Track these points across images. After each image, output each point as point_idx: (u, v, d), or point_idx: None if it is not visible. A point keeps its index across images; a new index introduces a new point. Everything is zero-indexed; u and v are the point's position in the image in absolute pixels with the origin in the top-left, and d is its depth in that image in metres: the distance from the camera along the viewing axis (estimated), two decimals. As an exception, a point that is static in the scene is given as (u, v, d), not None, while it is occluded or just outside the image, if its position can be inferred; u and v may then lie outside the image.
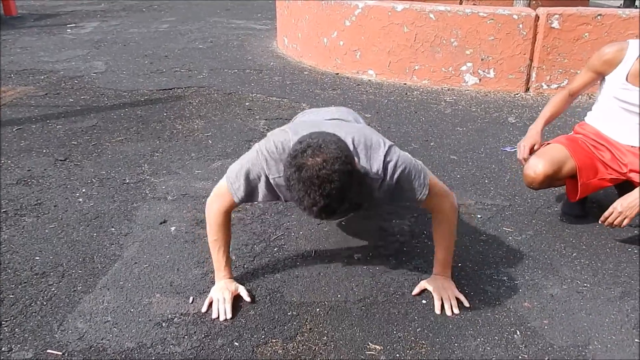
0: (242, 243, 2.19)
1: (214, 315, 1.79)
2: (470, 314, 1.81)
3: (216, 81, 4.46)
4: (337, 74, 4.81)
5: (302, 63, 5.19)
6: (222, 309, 1.81)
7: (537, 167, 2.17)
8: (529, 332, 1.73)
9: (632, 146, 2.21)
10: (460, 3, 6.49)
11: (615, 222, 2.03)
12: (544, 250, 2.16)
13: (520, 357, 1.63)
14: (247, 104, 3.92)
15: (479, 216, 2.41)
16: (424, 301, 1.87)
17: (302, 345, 1.68)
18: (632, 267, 2.06)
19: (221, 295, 1.84)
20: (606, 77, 2.20)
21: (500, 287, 1.94)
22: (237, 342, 1.68)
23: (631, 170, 2.19)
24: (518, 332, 1.73)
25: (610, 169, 2.23)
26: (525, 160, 2.29)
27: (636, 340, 1.70)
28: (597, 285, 1.95)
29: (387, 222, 2.36)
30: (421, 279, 1.96)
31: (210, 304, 1.84)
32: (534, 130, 2.33)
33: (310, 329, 1.75)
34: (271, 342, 1.69)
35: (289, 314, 1.81)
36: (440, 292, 1.85)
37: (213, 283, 1.91)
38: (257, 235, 2.26)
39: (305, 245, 2.20)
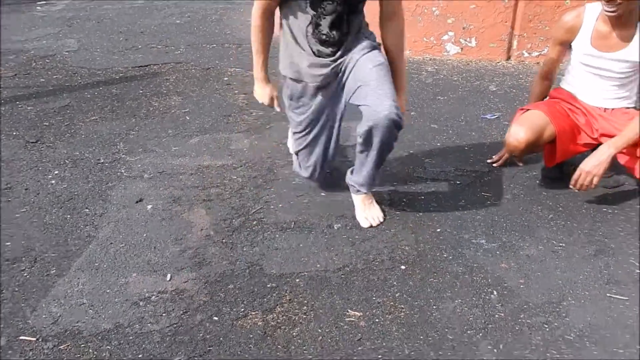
0: (220, 218, 2.18)
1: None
2: (449, 277, 1.82)
3: (194, 56, 4.38)
4: (317, 46, 4.74)
5: (280, 36, 5.11)
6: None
7: (519, 134, 2.17)
8: (505, 292, 1.74)
9: (603, 109, 2.21)
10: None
11: (585, 183, 2.04)
12: (522, 213, 2.18)
13: (496, 315, 1.65)
14: (225, 78, 3.86)
15: (458, 182, 2.41)
16: (402, 267, 1.88)
17: (282, 316, 1.68)
18: (607, 226, 2.08)
19: (267, 99, 2.21)
20: (572, 44, 2.21)
21: (478, 250, 1.95)
22: (216, 316, 1.68)
23: (602, 135, 2.20)
24: (495, 292, 1.74)
25: (584, 134, 2.24)
26: (497, 160, 2.57)
27: (608, 294, 1.72)
28: (572, 245, 1.97)
29: (366, 192, 2.36)
30: (399, 247, 1.97)
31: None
32: None
33: (290, 299, 1.75)
34: (251, 314, 1.69)
35: (268, 286, 1.81)
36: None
37: (190, 260, 1.89)
38: (235, 210, 2.24)
39: (284, 217, 2.19)
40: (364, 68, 1.97)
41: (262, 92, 2.22)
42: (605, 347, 1.55)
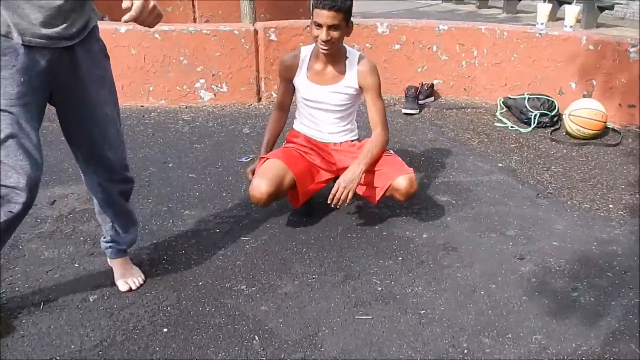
0: (-55, 315, 1.86)
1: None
2: (212, 331, 1.83)
3: None
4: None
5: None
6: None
7: (260, 188, 2.27)
8: (266, 335, 1.81)
9: (333, 144, 2.49)
10: (195, 21, 6.56)
11: (342, 198, 2.26)
12: (278, 251, 2.30)
13: (259, 360, 1.70)
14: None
15: (217, 230, 2.45)
16: (165, 329, 1.83)
17: (29, 416, 1.50)
18: (352, 251, 2.32)
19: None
20: (294, 82, 2.46)
21: (239, 297, 2.00)
22: None
23: (342, 168, 2.45)
24: (256, 337, 1.80)
25: (324, 171, 2.48)
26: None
27: (356, 317, 1.92)
28: (324, 275, 2.15)
29: (124, 255, 2.25)
30: (161, 309, 1.92)
31: None
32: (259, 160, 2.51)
33: (39, 393, 1.57)
34: (-12, 423, 1.46)
35: (11, 383, 1.60)
36: None
37: None
38: (-33, 301, 1.93)
39: (32, 298, 1.97)
40: (94, 123, 1.76)
41: None
42: (356, 369, 1.70)
